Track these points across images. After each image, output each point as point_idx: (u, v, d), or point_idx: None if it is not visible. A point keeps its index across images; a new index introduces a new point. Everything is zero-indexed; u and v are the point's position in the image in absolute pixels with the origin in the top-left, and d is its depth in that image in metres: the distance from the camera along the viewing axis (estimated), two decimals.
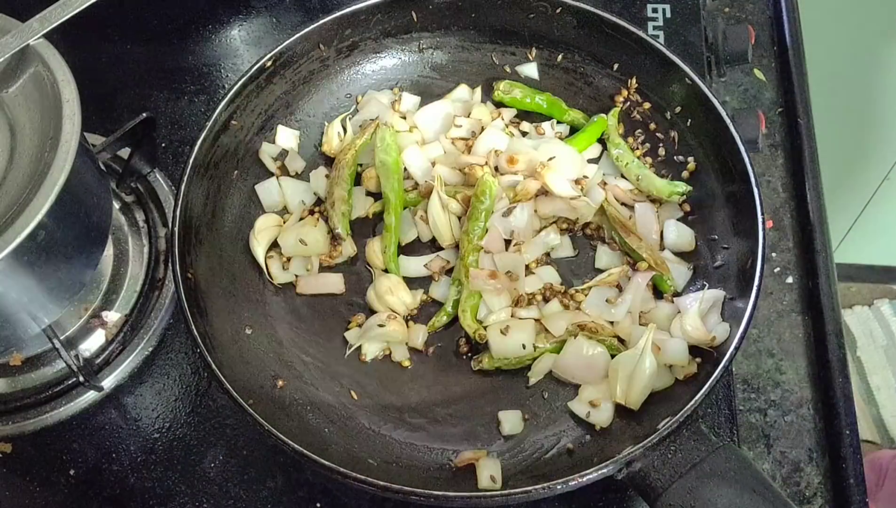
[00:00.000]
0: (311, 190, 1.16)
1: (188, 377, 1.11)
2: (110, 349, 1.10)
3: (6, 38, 0.90)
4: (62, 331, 1.08)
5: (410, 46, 1.23)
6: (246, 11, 1.43)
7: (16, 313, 0.93)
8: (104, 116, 1.10)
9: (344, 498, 1.02)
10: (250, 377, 0.99)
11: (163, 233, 1.18)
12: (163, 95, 1.34)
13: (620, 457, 0.85)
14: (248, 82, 1.10)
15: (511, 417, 0.99)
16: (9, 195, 0.85)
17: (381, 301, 1.05)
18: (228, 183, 1.13)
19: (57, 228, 0.88)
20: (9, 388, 1.09)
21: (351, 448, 0.97)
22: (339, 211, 1.10)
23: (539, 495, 0.85)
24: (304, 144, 1.20)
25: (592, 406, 0.97)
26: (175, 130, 1.30)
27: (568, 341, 1.00)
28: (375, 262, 1.09)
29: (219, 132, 1.09)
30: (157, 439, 1.06)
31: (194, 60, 1.39)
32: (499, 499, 0.87)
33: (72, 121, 0.87)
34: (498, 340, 1.00)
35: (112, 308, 1.12)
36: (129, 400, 1.09)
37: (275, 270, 1.10)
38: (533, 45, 1.20)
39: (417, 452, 0.98)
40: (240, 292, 1.07)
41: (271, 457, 1.04)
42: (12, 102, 0.92)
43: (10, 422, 1.06)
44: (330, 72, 1.21)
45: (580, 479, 0.84)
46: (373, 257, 1.09)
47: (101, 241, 1.01)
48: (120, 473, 1.04)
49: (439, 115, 1.18)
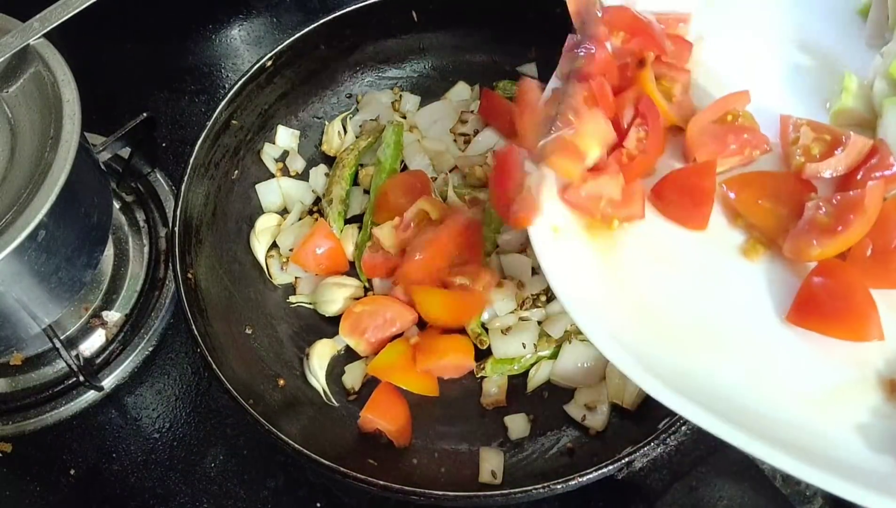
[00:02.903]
0: (310, 188, 1.16)
1: (188, 377, 1.11)
2: (110, 349, 1.10)
3: (6, 38, 0.90)
4: (62, 331, 1.08)
5: (410, 46, 1.23)
6: (246, 11, 1.43)
7: (16, 312, 0.93)
8: (104, 116, 1.11)
9: (344, 498, 1.02)
10: (250, 377, 0.99)
11: (163, 233, 1.18)
12: (163, 95, 1.34)
13: (620, 457, 0.85)
14: (249, 82, 1.11)
15: (518, 421, 0.99)
16: (9, 195, 0.85)
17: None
18: (228, 183, 1.13)
19: (57, 227, 0.88)
20: (9, 388, 1.09)
21: (351, 447, 0.97)
22: (336, 210, 1.10)
23: (539, 495, 0.85)
24: (304, 144, 1.20)
25: (588, 409, 0.97)
26: (175, 130, 1.30)
27: (563, 346, 1.00)
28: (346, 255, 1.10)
29: (219, 132, 1.09)
30: (157, 439, 1.06)
31: (194, 60, 1.39)
32: (499, 499, 0.87)
33: (72, 121, 0.87)
34: (499, 340, 1.00)
35: (112, 308, 1.13)
36: (129, 400, 1.09)
37: (274, 270, 1.10)
38: (533, 44, 1.20)
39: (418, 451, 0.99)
40: (240, 292, 1.08)
41: (271, 457, 1.04)
42: (12, 101, 0.92)
43: (10, 422, 1.06)
44: (330, 72, 1.21)
45: (580, 479, 0.85)
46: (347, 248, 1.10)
47: (102, 241, 1.02)
48: (120, 473, 1.04)
49: (439, 114, 1.19)
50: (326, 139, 1.19)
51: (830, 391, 0.65)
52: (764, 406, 0.63)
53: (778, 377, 0.66)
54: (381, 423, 0.96)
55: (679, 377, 0.63)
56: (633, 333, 0.67)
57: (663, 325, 0.69)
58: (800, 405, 0.64)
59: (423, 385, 0.99)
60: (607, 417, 0.97)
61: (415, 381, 0.99)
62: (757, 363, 0.67)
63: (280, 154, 1.19)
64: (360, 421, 0.97)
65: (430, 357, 0.99)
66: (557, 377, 1.00)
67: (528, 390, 1.01)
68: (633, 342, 0.66)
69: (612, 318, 0.67)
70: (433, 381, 1.00)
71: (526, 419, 0.99)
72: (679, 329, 0.69)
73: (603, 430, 0.97)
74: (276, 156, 1.18)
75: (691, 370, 0.65)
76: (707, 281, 0.73)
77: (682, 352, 0.66)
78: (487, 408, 1.00)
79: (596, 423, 0.97)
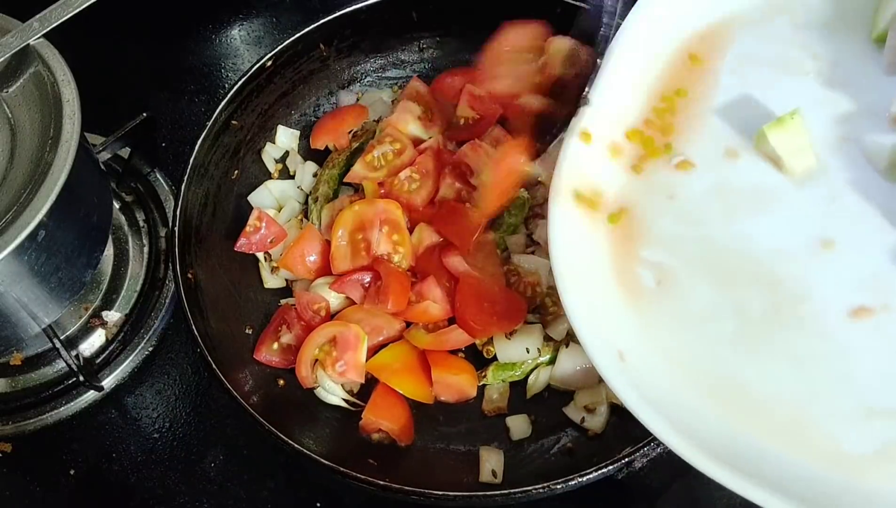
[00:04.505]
0: (295, 185, 1.16)
1: (188, 377, 1.11)
2: (110, 349, 1.10)
3: (6, 38, 0.90)
4: (62, 331, 1.08)
5: (410, 46, 1.23)
6: (246, 11, 1.43)
7: (16, 312, 0.93)
8: (104, 116, 1.10)
9: (344, 498, 1.02)
10: (250, 376, 0.99)
11: (163, 233, 1.18)
12: (163, 95, 1.34)
13: (620, 457, 0.85)
14: (249, 82, 1.10)
15: (519, 422, 0.99)
16: (9, 195, 0.85)
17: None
18: (228, 183, 1.13)
19: (57, 227, 0.88)
20: (9, 388, 1.09)
21: (351, 447, 0.97)
22: (320, 207, 1.10)
23: (539, 495, 0.85)
24: (304, 144, 1.20)
25: (587, 411, 0.97)
26: (175, 130, 1.30)
27: (560, 349, 1.00)
28: None
29: (219, 132, 1.09)
30: (157, 439, 1.06)
31: (194, 60, 1.39)
32: (499, 499, 0.87)
33: (72, 121, 0.87)
34: (503, 345, 1.00)
35: (112, 308, 1.13)
36: (129, 400, 1.09)
37: (265, 274, 1.10)
38: None
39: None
40: (240, 291, 1.08)
41: (271, 457, 1.04)
42: (12, 102, 0.92)
43: (10, 422, 1.06)
44: (330, 72, 1.21)
45: (580, 479, 0.85)
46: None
47: (102, 240, 1.02)
48: (120, 473, 1.04)
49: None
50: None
51: (877, 449, 0.60)
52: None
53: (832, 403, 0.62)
54: (384, 423, 0.96)
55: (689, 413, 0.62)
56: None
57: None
58: (846, 468, 0.59)
59: (418, 391, 0.99)
60: (606, 419, 0.97)
61: (410, 385, 0.99)
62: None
63: (281, 154, 1.19)
64: (361, 423, 0.97)
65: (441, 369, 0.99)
66: (556, 380, 1.00)
67: (528, 396, 1.01)
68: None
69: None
70: (428, 388, 1.00)
71: (527, 420, 0.99)
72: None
73: (602, 431, 0.97)
74: (276, 156, 1.18)
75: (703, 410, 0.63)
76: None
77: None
78: (489, 415, 1.00)
79: (595, 425, 0.97)
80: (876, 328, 0.66)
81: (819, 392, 0.63)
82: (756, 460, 0.59)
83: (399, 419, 0.97)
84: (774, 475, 0.57)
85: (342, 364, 0.97)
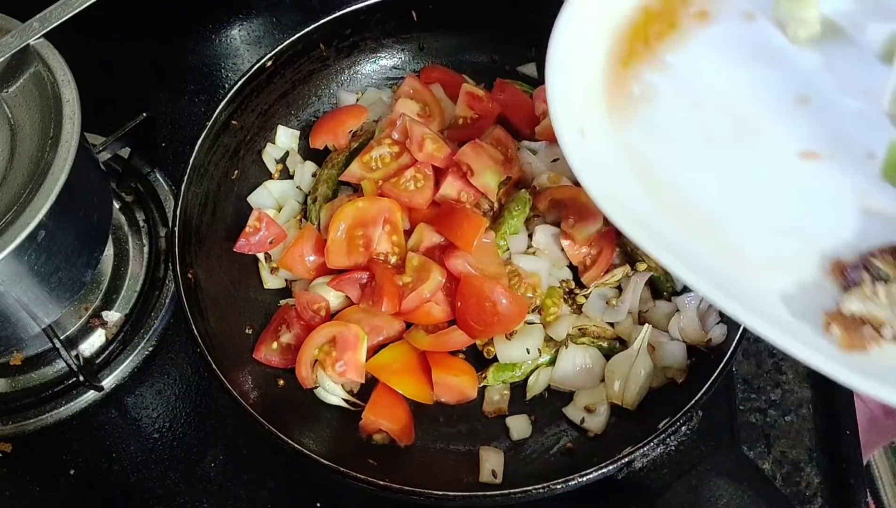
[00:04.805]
0: (294, 185, 1.16)
1: (188, 377, 1.11)
2: (110, 349, 1.10)
3: (6, 38, 0.90)
4: (62, 331, 1.08)
5: (410, 46, 1.23)
6: (246, 11, 1.43)
7: (16, 312, 0.93)
8: (104, 116, 1.10)
9: (344, 498, 1.02)
10: (250, 376, 0.99)
11: (163, 233, 1.18)
12: (163, 95, 1.34)
13: (620, 457, 0.85)
14: (249, 82, 1.10)
15: (519, 422, 1.00)
16: (9, 195, 0.85)
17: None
18: (228, 183, 1.13)
19: (57, 227, 0.88)
20: (9, 388, 1.09)
21: (351, 447, 0.97)
22: (319, 207, 1.10)
23: (539, 495, 0.85)
24: (305, 144, 1.20)
25: (588, 412, 0.98)
26: (175, 130, 1.30)
27: (560, 351, 1.00)
28: None
29: (219, 132, 1.09)
30: (157, 439, 1.06)
31: (194, 60, 1.39)
32: (499, 499, 0.87)
33: (72, 121, 0.87)
34: (503, 345, 1.00)
35: (112, 308, 1.13)
36: (129, 400, 1.09)
37: (265, 274, 1.10)
38: (533, 44, 1.20)
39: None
40: (240, 291, 1.08)
41: (271, 457, 1.04)
42: (12, 102, 0.92)
43: (10, 422, 1.06)
44: (330, 72, 1.21)
45: (580, 479, 0.85)
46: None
47: (102, 240, 1.02)
48: (120, 473, 1.04)
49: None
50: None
51: (771, 259, 0.69)
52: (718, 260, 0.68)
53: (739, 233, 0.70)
54: (384, 423, 0.96)
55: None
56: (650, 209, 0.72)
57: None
58: (740, 266, 0.68)
59: (418, 391, 0.99)
60: (606, 419, 0.97)
61: (410, 385, 0.99)
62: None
63: (281, 155, 1.19)
64: (362, 423, 0.97)
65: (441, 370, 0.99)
66: (556, 381, 1.00)
67: (528, 396, 1.01)
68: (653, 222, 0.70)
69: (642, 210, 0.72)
70: (428, 389, 1.00)
71: (528, 421, 0.99)
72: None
73: (602, 431, 0.97)
74: (277, 156, 1.18)
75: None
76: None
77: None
78: (490, 416, 1.00)
79: (595, 426, 0.97)
80: (817, 170, 0.73)
81: (742, 203, 0.72)
82: (674, 243, 0.69)
83: (399, 419, 0.97)
84: (684, 255, 0.67)
85: (342, 364, 0.97)
